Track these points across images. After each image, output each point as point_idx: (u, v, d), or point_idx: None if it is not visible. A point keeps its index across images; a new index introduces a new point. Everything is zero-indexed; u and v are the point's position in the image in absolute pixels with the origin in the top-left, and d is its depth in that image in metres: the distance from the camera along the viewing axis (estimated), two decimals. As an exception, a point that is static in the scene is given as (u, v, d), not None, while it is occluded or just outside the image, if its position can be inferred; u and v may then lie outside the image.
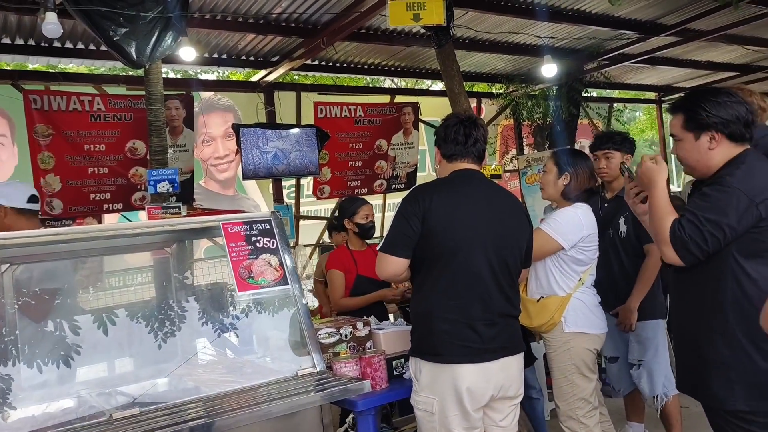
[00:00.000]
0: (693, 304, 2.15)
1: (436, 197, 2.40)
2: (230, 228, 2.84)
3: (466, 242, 2.37)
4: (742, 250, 2.02)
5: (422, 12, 3.94)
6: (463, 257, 2.36)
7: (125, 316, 2.76)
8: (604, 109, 10.34)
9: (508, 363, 2.41)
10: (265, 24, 5.81)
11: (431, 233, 2.37)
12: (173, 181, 4.54)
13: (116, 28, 4.08)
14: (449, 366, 2.33)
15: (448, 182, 2.51)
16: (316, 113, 7.20)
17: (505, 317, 2.43)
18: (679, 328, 2.28)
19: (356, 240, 3.85)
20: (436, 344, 2.36)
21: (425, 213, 2.36)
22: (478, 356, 2.34)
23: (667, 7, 6.51)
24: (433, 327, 2.37)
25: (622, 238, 3.32)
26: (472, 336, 2.33)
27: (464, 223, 2.38)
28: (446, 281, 2.37)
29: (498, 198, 2.54)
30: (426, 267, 2.42)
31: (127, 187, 6.14)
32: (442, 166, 2.58)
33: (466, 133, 2.53)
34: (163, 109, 4.73)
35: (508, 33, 6.79)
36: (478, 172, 2.57)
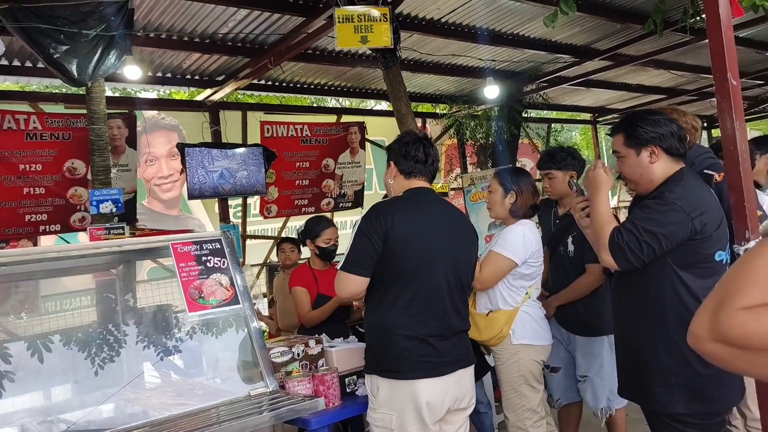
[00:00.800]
0: (635, 313, 2.28)
1: (397, 215, 2.41)
2: (180, 248, 2.81)
3: (426, 261, 2.41)
4: (679, 261, 2.17)
5: (370, 34, 4.02)
6: (423, 276, 2.40)
7: (60, 342, 2.67)
8: (543, 129, 10.74)
9: (462, 375, 2.48)
10: (212, 43, 5.79)
11: (392, 251, 2.38)
12: (117, 202, 4.45)
13: (57, 46, 3.99)
14: (409, 382, 2.37)
15: (405, 200, 2.54)
16: (263, 133, 7.18)
17: (460, 332, 2.51)
18: (622, 336, 2.40)
19: (317, 260, 3.86)
20: (396, 361, 2.38)
21: (387, 232, 2.37)
22: (435, 370, 2.39)
23: (600, 33, 6.85)
24: (392, 344, 2.38)
25: (569, 257, 3.38)
26: (431, 351, 2.38)
27: (424, 242, 2.42)
28: (406, 299, 2.39)
29: (451, 216, 2.60)
30: (385, 285, 2.43)
31: (66, 208, 5.94)
32: (398, 182, 2.59)
33: (425, 152, 2.56)
34: (106, 128, 4.62)
35: (451, 55, 6.99)
36: (431, 190, 2.63)
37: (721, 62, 2.32)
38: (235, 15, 5.21)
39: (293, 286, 3.84)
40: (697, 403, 2.16)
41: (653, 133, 2.25)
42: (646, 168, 2.27)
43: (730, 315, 0.83)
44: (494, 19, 6.17)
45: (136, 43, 5.16)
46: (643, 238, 2.13)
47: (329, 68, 7.00)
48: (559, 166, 3.41)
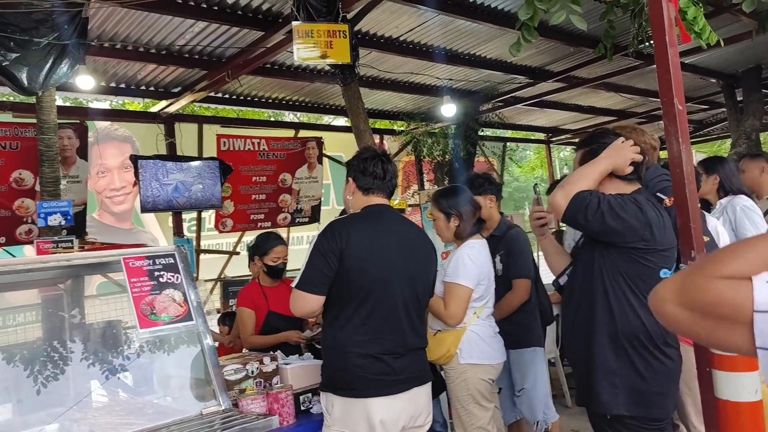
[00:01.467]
0: (585, 318, 2.33)
1: (353, 233, 2.40)
2: (131, 262, 2.74)
3: (383, 279, 2.40)
4: (628, 270, 2.24)
5: (329, 50, 4.03)
6: (379, 294, 2.38)
7: (5, 359, 2.57)
8: (499, 147, 10.95)
9: (417, 393, 2.47)
10: (168, 55, 5.71)
11: (348, 270, 2.36)
12: (66, 214, 4.33)
13: (6, 53, 3.88)
14: (362, 400, 2.35)
15: (362, 218, 2.52)
16: (219, 146, 7.10)
17: (416, 350, 2.49)
18: (573, 342, 2.46)
19: (266, 277, 3.78)
20: (350, 379, 2.37)
21: (342, 250, 2.35)
22: (390, 388, 2.37)
23: (554, 55, 7.06)
24: (347, 362, 2.37)
25: (498, 276, 3.42)
26: (385, 369, 2.36)
27: (381, 259, 2.41)
28: (361, 317, 2.37)
29: (408, 232, 2.59)
30: (340, 303, 2.41)
31: (12, 220, 5.73)
32: (356, 199, 2.58)
33: (384, 168, 2.56)
34: (56, 138, 4.49)
35: (409, 73, 7.08)
36: (389, 206, 2.62)
37: (668, 88, 2.41)
38: (193, 27, 5.16)
39: (240, 305, 3.75)
40: (639, 407, 2.23)
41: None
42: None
43: (708, 279, 0.85)
44: (451, 39, 6.29)
45: (90, 53, 5.06)
46: (604, 207, 2.19)
47: (287, 83, 7.00)
48: (479, 192, 3.50)
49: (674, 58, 2.46)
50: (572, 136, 11.84)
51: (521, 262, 3.48)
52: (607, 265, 2.26)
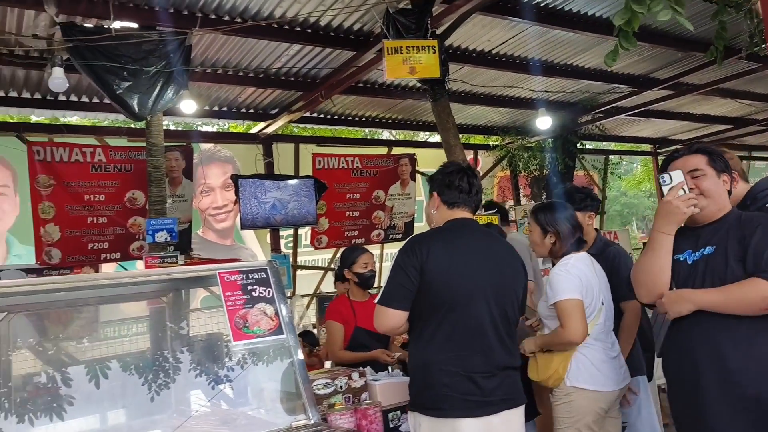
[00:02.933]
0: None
1: (433, 248, 2.36)
2: (226, 277, 2.83)
3: (465, 293, 2.33)
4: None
5: (418, 65, 4.04)
6: (462, 309, 2.32)
7: (119, 368, 2.73)
8: (600, 161, 10.49)
9: (509, 416, 2.35)
10: (265, 78, 5.96)
11: (429, 284, 2.33)
12: (171, 231, 4.56)
13: (120, 82, 4.18)
14: (450, 420, 2.27)
15: (444, 232, 2.48)
16: (315, 164, 7.29)
17: (506, 369, 2.38)
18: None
19: (357, 290, 3.78)
20: (436, 398, 2.30)
21: (423, 264, 2.32)
22: (479, 409, 2.28)
23: (659, 62, 6.70)
24: (432, 380, 2.32)
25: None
26: (473, 389, 2.28)
27: (462, 273, 2.35)
28: (445, 333, 2.32)
29: (494, 247, 2.52)
30: (424, 318, 2.37)
31: (126, 237, 6.15)
32: (440, 213, 2.54)
33: (469, 182, 2.51)
34: (163, 160, 4.79)
35: (502, 87, 6.96)
36: (473, 221, 2.55)
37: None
38: (288, 50, 5.35)
39: (328, 318, 3.78)
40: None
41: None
42: (723, 189, 2.21)
43: None
44: (547, 50, 6.12)
45: (194, 79, 5.37)
46: None
47: (380, 101, 7.09)
48: (579, 207, 3.28)
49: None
50: (682, 146, 11.12)
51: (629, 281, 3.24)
52: None
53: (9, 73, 5.29)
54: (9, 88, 5.65)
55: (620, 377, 2.89)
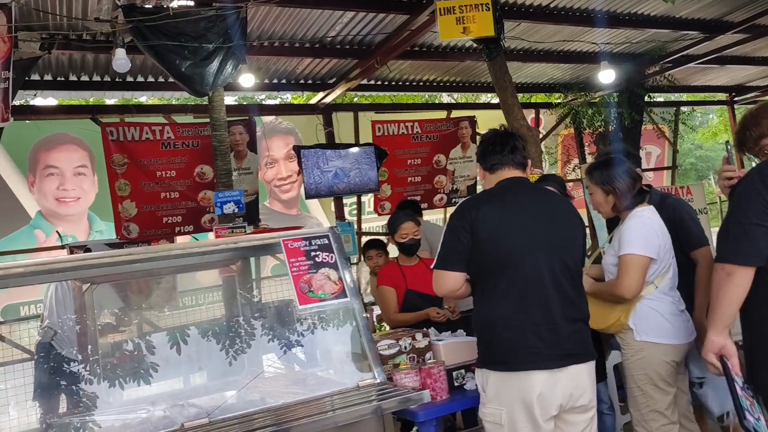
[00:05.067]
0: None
1: (483, 208, 2.41)
2: (290, 244, 2.93)
3: (519, 248, 2.35)
4: None
5: (472, 25, 3.97)
6: (517, 264, 2.34)
7: (197, 334, 2.89)
8: (670, 113, 10.00)
9: (577, 371, 2.34)
10: (321, 48, 6.00)
11: (482, 244, 2.37)
12: (238, 202, 4.74)
13: (181, 60, 4.32)
14: (515, 374, 2.31)
15: (494, 192, 2.52)
16: (374, 132, 7.31)
17: (572, 322, 2.37)
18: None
19: (403, 255, 3.89)
20: (500, 352, 2.35)
21: (473, 225, 2.37)
22: (543, 362, 2.29)
23: (732, 4, 6.29)
24: (496, 335, 2.36)
25: None
26: (536, 342, 2.30)
27: (515, 229, 2.38)
28: (503, 289, 2.35)
29: (547, 201, 2.52)
30: (482, 278, 2.41)
31: (197, 210, 6.40)
32: (487, 180, 2.58)
33: (502, 142, 2.54)
34: (226, 134, 4.93)
35: (563, 42, 6.72)
36: (523, 178, 2.56)
37: None
38: (342, 18, 5.36)
39: (380, 284, 3.89)
40: None
41: None
42: None
43: None
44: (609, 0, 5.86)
45: (251, 53, 5.47)
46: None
47: (437, 64, 7.01)
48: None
49: None
50: (761, 93, 10.46)
51: (696, 229, 3.12)
52: None
53: (79, 58, 5.55)
54: (81, 72, 5.92)
55: (689, 330, 2.85)
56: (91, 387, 2.56)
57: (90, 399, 2.54)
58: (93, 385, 2.57)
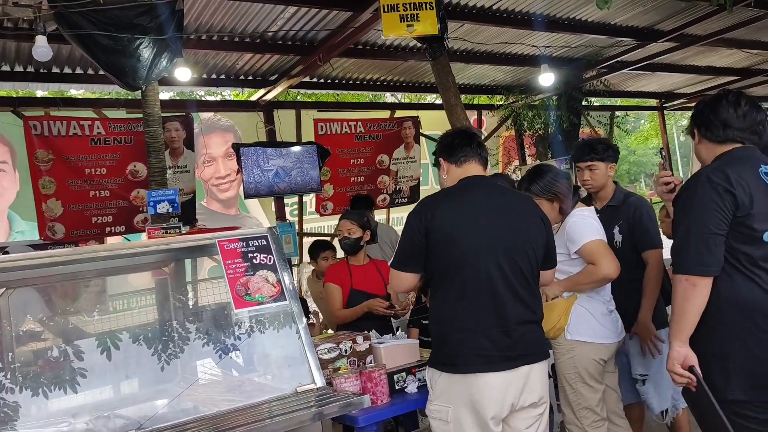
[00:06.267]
0: None
1: (439, 208, 2.41)
2: (226, 245, 2.82)
3: (472, 250, 2.34)
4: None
5: (416, 23, 3.95)
6: (471, 265, 2.33)
7: (128, 339, 2.74)
8: (606, 117, 10.31)
9: (528, 371, 2.34)
10: (262, 43, 5.84)
11: (436, 245, 2.37)
12: (173, 202, 4.53)
13: (111, 51, 4.09)
14: (464, 376, 2.29)
15: (453, 191, 2.50)
16: (317, 130, 7.21)
17: (524, 324, 2.36)
18: None
19: (353, 255, 3.86)
20: (451, 354, 2.34)
21: (428, 226, 2.37)
22: (493, 365, 2.28)
23: (662, 13, 6.51)
24: (446, 337, 2.36)
25: (617, 249, 3.18)
26: (487, 344, 2.29)
27: (470, 231, 2.36)
28: (456, 290, 2.34)
29: (508, 202, 2.50)
30: (437, 278, 2.42)
31: (129, 210, 6.14)
32: (451, 174, 2.55)
33: (468, 137, 2.57)
34: (161, 130, 4.73)
35: (504, 44, 6.80)
36: (485, 177, 2.57)
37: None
38: (284, 13, 5.23)
39: (326, 281, 3.87)
40: (756, 389, 2.01)
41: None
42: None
43: None
44: (549, 4, 5.96)
45: (189, 46, 5.27)
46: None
47: (381, 63, 6.96)
48: (602, 157, 3.28)
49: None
50: (688, 100, 10.93)
51: (653, 231, 3.22)
52: None
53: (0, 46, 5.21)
54: (1, 62, 5.57)
55: (618, 330, 2.94)
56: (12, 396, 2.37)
57: (11, 409, 2.35)
58: (12, 394, 2.38)
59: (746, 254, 2.04)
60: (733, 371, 2.05)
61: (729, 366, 2.06)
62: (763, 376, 2.01)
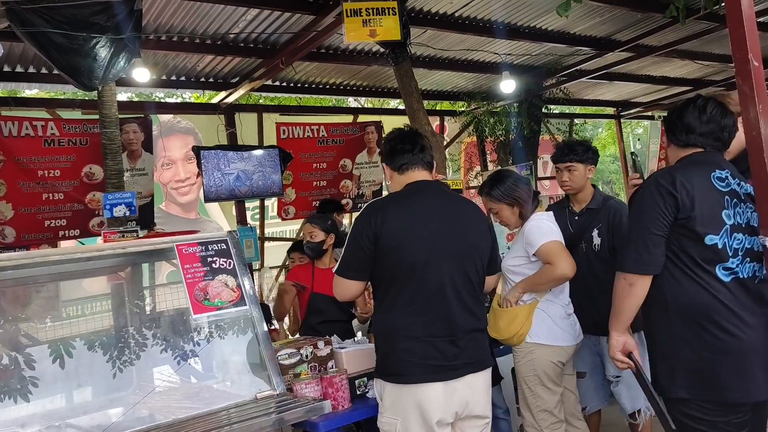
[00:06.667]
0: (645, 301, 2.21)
1: (388, 214, 2.34)
2: (185, 249, 2.77)
3: (422, 259, 2.30)
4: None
5: (378, 28, 3.95)
6: (420, 274, 2.29)
7: (82, 346, 2.66)
8: (565, 124, 10.53)
9: (473, 380, 2.34)
10: (224, 45, 5.77)
11: (385, 252, 2.31)
12: (130, 205, 4.45)
13: (66, 51, 3.99)
14: (411, 386, 2.27)
15: (400, 196, 2.45)
16: (279, 134, 7.16)
17: (470, 332, 2.36)
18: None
19: (317, 259, 3.85)
20: (397, 364, 2.30)
21: (377, 232, 2.30)
22: (440, 374, 2.27)
23: (619, 24, 6.68)
24: (394, 346, 2.31)
25: (596, 252, 3.24)
26: (434, 353, 2.27)
27: (418, 238, 2.32)
28: (405, 299, 2.30)
29: (455, 208, 2.47)
30: (384, 285, 2.36)
31: (85, 213, 5.99)
32: (394, 181, 2.51)
33: (411, 142, 2.48)
34: (118, 131, 4.63)
35: (467, 51, 6.87)
36: (431, 182, 2.51)
37: (741, 42, 2.17)
38: (246, 15, 5.18)
39: (287, 279, 3.90)
40: (702, 389, 2.06)
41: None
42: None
43: None
44: (510, 12, 6.05)
45: (148, 46, 5.17)
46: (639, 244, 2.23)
47: (344, 67, 6.95)
48: (581, 159, 3.33)
49: (748, 9, 2.22)
50: (644, 109, 11.23)
51: None
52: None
53: (-52, 44, 5.02)
54: (-51, 61, 5.38)
55: (576, 333, 2.99)
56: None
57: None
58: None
59: (689, 256, 2.10)
60: (677, 370, 2.11)
61: (673, 365, 2.12)
62: (705, 375, 2.06)
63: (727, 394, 2.04)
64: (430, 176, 2.52)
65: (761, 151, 2.16)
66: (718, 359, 2.05)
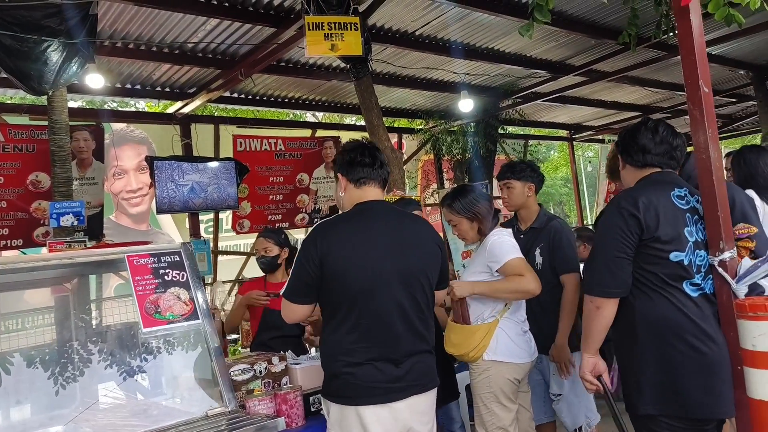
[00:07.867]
0: (616, 320, 2.25)
1: (335, 238, 2.29)
2: (136, 260, 2.67)
3: (368, 284, 2.26)
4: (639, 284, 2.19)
5: (340, 42, 3.96)
6: (366, 299, 2.26)
7: (21, 361, 2.53)
8: (520, 145, 10.74)
9: (416, 401, 2.32)
10: (181, 54, 5.69)
11: (331, 277, 2.27)
12: (78, 214, 4.30)
13: (16, 53, 3.85)
14: (353, 408, 2.25)
15: (348, 218, 2.39)
16: (235, 146, 7.07)
17: (415, 354, 2.33)
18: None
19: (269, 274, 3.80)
20: (341, 386, 2.28)
21: (322, 257, 2.25)
22: (383, 396, 2.25)
23: (574, 49, 6.88)
24: (338, 368, 2.28)
25: (538, 271, 3.23)
26: (378, 376, 2.25)
27: (365, 264, 2.27)
28: (350, 323, 2.27)
29: (404, 229, 2.41)
30: (330, 309, 2.33)
31: (29, 222, 5.76)
32: (348, 194, 2.44)
33: (372, 155, 2.43)
34: (67, 138, 4.47)
35: (426, 69, 6.96)
36: (383, 203, 2.47)
37: (692, 69, 2.26)
38: (205, 25, 5.11)
39: (239, 293, 3.84)
40: (669, 405, 2.09)
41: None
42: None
43: None
44: (469, 33, 6.16)
45: (102, 53, 5.05)
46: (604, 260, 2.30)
47: (303, 81, 6.94)
48: (519, 177, 3.38)
49: (699, 38, 2.31)
50: (595, 132, 11.58)
51: (571, 255, 3.29)
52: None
53: None
54: None
55: (532, 350, 3.01)
56: None
57: None
58: None
59: (655, 274, 2.14)
60: (645, 385, 2.14)
61: (641, 380, 2.15)
62: (671, 390, 2.10)
63: (693, 410, 2.08)
64: (382, 194, 2.49)
65: (710, 173, 2.24)
66: (684, 374, 2.09)
